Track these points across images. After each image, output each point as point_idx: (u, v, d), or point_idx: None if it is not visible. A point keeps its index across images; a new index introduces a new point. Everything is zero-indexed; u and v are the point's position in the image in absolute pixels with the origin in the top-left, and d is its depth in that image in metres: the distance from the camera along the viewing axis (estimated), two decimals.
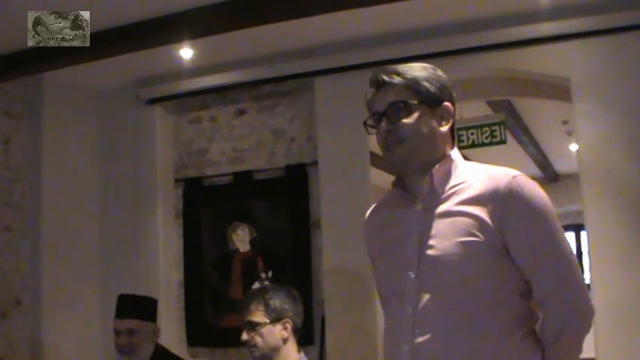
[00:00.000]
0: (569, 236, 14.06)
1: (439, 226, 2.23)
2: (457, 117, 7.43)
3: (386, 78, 2.33)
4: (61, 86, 5.94)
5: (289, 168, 5.83)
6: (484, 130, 7.71)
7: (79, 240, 6.06)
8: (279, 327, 3.43)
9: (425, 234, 2.25)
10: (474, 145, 7.84)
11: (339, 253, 5.45)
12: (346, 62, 5.48)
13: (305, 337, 5.37)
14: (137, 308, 4.10)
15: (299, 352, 3.53)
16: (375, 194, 5.16)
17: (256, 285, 5.71)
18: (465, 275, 2.16)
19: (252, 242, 5.90)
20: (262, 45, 5.51)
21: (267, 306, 3.44)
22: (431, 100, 2.31)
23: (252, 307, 3.47)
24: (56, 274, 5.75)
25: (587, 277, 12.13)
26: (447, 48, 5.20)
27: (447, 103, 2.34)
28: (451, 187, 2.29)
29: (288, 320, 3.47)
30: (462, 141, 7.83)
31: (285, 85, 5.90)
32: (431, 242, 2.22)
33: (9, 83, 5.63)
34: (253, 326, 3.43)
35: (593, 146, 4.86)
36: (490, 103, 7.46)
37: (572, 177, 11.44)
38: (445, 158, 2.33)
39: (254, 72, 5.78)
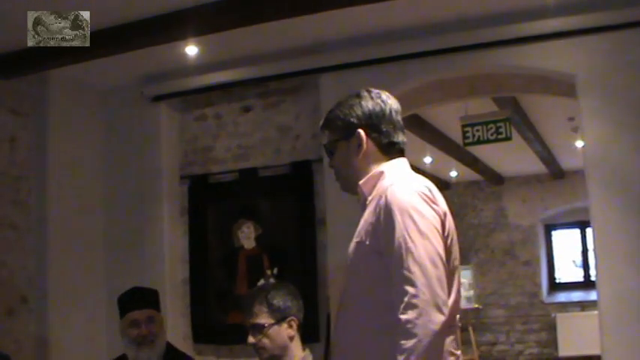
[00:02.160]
0: (574, 233, 14.03)
1: (357, 229, 2.59)
2: (462, 113, 7.42)
3: (320, 124, 2.78)
4: (66, 84, 5.95)
5: (294, 165, 5.83)
6: (489, 126, 7.70)
7: (85, 237, 6.07)
8: (284, 326, 3.39)
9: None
10: (479, 142, 7.83)
11: (344, 250, 5.41)
12: (351, 59, 5.48)
13: (310, 334, 5.39)
14: (151, 299, 4.11)
15: (304, 349, 3.50)
16: None
17: (261, 281, 5.72)
18: (351, 273, 2.55)
19: (257, 239, 5.91)
20: (267, 42, 5.50)
21: (270, 306, 3.39)
22: (344, 135, 2.66)
23: (256, 310, 3.42)
24: (62, 271, 5.75)
25: (592, 274, 12.09)
26: (452, 45, 5.20)
27: (358, 131, 2.62)
28: (371, 197, 2.58)
29: (293, 318, 3.43)
30: (468, 137, 7.82)
31: (291, 82, 5.90)
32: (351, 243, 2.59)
33: (14, 81, 5.64)
34: (259, 329, 3.39)
35: (599, 143, 4.86)
36: (496, 100, 7.44)
37: (578, 173, 11.43)
38: (372, 172, 2.63)
39: (259, 69, 5.78)
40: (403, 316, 2.23)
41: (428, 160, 10.51)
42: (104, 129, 6.38)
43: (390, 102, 2.71)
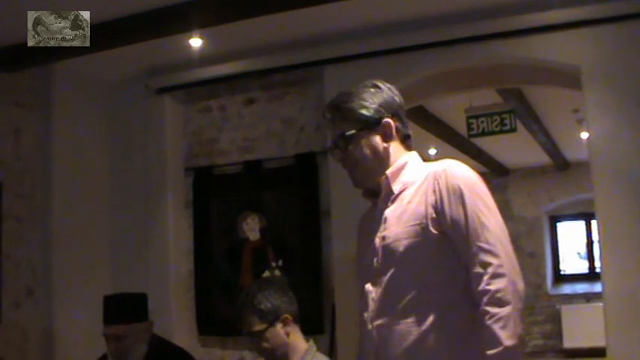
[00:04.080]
0: (579, 225, 14.04)
1: (391, 219, 2.54)
2: (467, 105, 7.42)
3: (328, 115, 2.71)
4: (70, 76, 5.94)
5: (299, 157, 5.83)
6: (494, 118, 7.70)
7: (90, 230, 6.08)
8: (279, 326, 3.39)
9: (384, 227, 2.56)
10: (483, 134, 7.83)
11: (348, 242, 5.41)
12: (355, 51, 5.47)
13: (315, 325, 5.40)
14: (124, 310, 3.84)
15: (307, 340, 3.50)
16: None
17: (266, 273, 5.73)
18: (409, 259, 2.46)
19: (262, 231, 5.91)
20: (272, 34, 5.50)
21: (260, 312, 3.38)
22: (368, 124, 2.62)
23: (247, 319, 3.42)
24: (67, 264, 5.76)
25: (597, 266, 12.13)
26: (457, 36, 5.19)
27: (385, 120, 2.62)
28: (403, 186, 2.58)
29: (286, 315, 3.42)
30: (472, 129, 7.82)
31: (295, 74, 5.90)
32: (385, 233, 2.53)
33: (19, 74, 5.64)
34: (255, 335, 3.40)
35: (604, 134, 4.85)
36: (500, 92, 7.43)
37: (583, 165, 11.39)
38: (396, 163, 2.63)
39: (263, 61, 5.77)
40: (491, 287, 2.26)
41: (432, 151, 10.51)
42: (108, 121, 6.38)
43: (400, 96, 2.72)
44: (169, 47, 5.57)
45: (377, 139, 2.62)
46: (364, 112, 2.62)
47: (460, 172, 2.48)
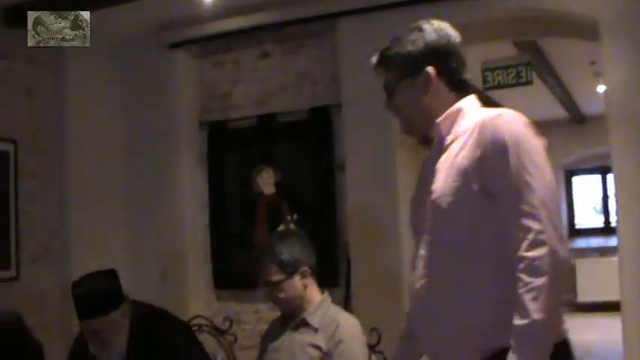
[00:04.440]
0: (595, 179, 13.99)
1: (441, 171, 2.37)
2: (483, 58, 7.34)
3: (375, 63, 2.59)
4: None
5: (313, 110, 5.81)
6: (510, 70, 7.63)
7: (105, 186, 6.10)
8: (297, 277, 3.42)
9: (433, 180, 2.39)
10: (499, 86, 7.77)
11: (363, 195, 5.46)
12: (369, 3, 5.42)
13: (330, 279, 5.42)
14: (98, 303, 3.43)
15: (322, 292, 3.54)
16: (399, 136, 5.15)
17: (281, 227, 5.74)
18: (452, 217, 2.31)
19: (276, 185, 5.92)
20: None
21: (280, 263, 3.40)
22: (407, 73, 2.47)
23: (266, 268, 3.44)
24: (83, 220, 5.80)
25: (612, 220, 12.13)
26: None
27: (426, 70, 2.43)
28: (454, 136, 2.40)
29: (305, 268, 3.45)
30: (488, 82, 7.75)
31: (309, 27, 5.85)
32: (434, 187, 2.36)
33: None
34: (273, 285, 3.42)
35: (621, 87, 4.80)
36: (516, 44, 7.35)
37: (599, 119, 11.30)
38: (449, 110, 2.44)
39: (277, 14, 5.73)
40: (530, 253, 2.10)
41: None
42: (122, 77, 6.37)
43: (453, 35, 2.53)
44: (182, 1, 5.53)
45: (419, 89, 2.45)
46: (401, 60, 2.48)
47: (507, 124, 2.28)
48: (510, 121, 2.31)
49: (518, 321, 2.08)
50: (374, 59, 2.58)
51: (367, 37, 5.43)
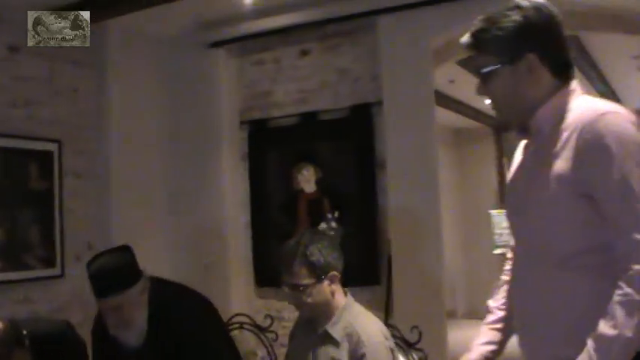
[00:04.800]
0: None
1: (540, 167, 2.20)
2: None
3: (465, 42, 2.32)
4: (125, 33, 5.99)
5: (354, 108, 5.81)
6: None
7: (147, 184, 6.15)
8: (326, 283, 3.18)
9: (530, 175, 2.26)
10: None
11: (404, 193, 5.45)
12: (410, 0, 5.40)
13: (371, 277, 5.43)
14: (114, 280, 3.34)
15: (345, 294, 3.32)
16: (440, 133, 5.13)
17: (322, 225, 5.74)
18: (549, 214, 2.15)
19: (317, 183, 5.93)
20: None
21: (310, 265, 3.15)
22: (506, 59, 2.22)
23: (295, 269, 3.17)
24: (125, 217, 5.86)
25: None
26: None
27: (528, 56, 2.19)
28: (556, 131, 2.18)
29: (334, 273, 3.21)
30: None
31: (349, 25, 5.84)
32: (533, 184, 2.22)
33: None
34: (301, 288, 3.17)
35: None
36: None
37: None
38: (550, 101, 2.23)
39: (317, 12, 5.73)
40: (636, 266, 1.96)
41: (488, 101, 10.35)
42: (163, 77, 6.42)
43: (555, 12, 2.27)
44: (223, 0, 5.55)
45: (517, 77, 2.22)
46: (498, 44, 2.22)
47: (612, 125, 2.06)
48: (615, 121, 2.08)
49: (606, 329, 1.98)
50: (465, 39, 2.32)
51: (408, 35, 5.43)
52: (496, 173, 12.72)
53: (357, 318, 3.21)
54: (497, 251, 11.30)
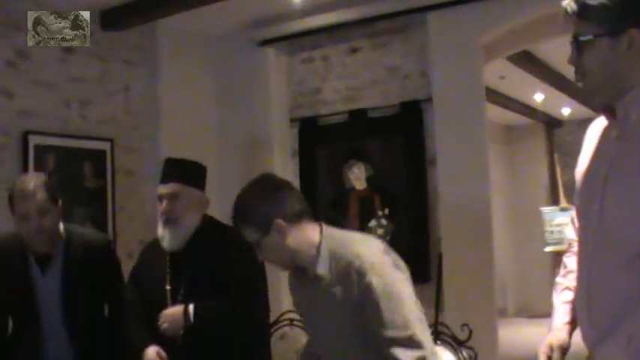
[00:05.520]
0: None
1: (627, 156, 2.05)
2: None
3: (565, 6, 2.13)
4: (175, 32, 6.06)
5: (404, 105, 5.79)
6: None
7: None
8: (274, 234, 2.78)
9: (613, 164, 2.09)
10: None
11: (454, 190, 5.42)
12: None
13: (422, 274, 5.41)
14: (182, 172, 3.63)
15: (321, 228, 2.97)
16: (490, 130, 5.09)
17: (372, 222, 5.74)
18: (631, 220, 2.00)
19: (368, 180, 5.92)
20: None
21: (249, 223, 2.85)
22: (608, 30, 2.04)
23: (245, 233, 2.87)
24: None
25: None
26: None
27: (633, 30, 2.01)
28: None
29: (277, 221, 2.80)
30: None
31: (398, 22, 5.83)
32: (617, 173, 2.06)
33: (126, 32, 5.79)
34: (256, 248, 2.85)
35: None
36: None
37: None
38: None
39: (366, 9, 5.72)
40: None
41: (539, 97, 10.27)
42: (213, 75, 6.47)
43: None
44: None
45: (615, 52, 2.04)
46: (604, 14, 2.03)
47: None
48: None
49: None
50: (567, 3, 2.13)
51: (457, 31, 5.40)
52: (547, 170, 12.60)
53: (342, 246, 2.81)
54: (548, 249, 11.20)
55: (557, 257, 2.51)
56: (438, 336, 3.81)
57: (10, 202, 3.33)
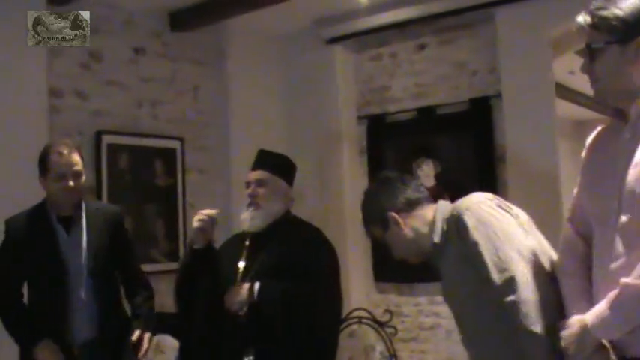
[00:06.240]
0: None
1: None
2: None
3: (579, 19, 2.27)
4: (243, 32, 6.12)
5: (473, 101, 5.75)
6: None
7: None
8: (393, 228, 2.90)
9: (628, 164, 2.15)
10: None
11: (524, 187, 5.37)
12: None
13: None
14: (271, 162, 3.80)
15: (433, 207, 2.96)
16: (560, 126, 5.03)
17: None
18: None
19: (437, 177, 5.89)
20: None
21: (373, 221, 2.99)
22: (619, 38, 2.17)
23: (370, 230, 3.03)
24: None
25: None
26: None
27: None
28: None
29: (391, 214, 2.90)
30: None
31: (466, 17, 5.79)
32: (632, 172, 2.12)
33: (196, 32, 5.89)
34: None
35: None
36: None
37: None
38: None
39: (434, 5, 5.70)
40: None
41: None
42: (282, 74, 6.52)
43: None
44: None
45: (625, 57, 2.17)
46: (616, 24, 2.15)
47: None
48: None
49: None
50: (581, 17, 2.26)
51: (526, 26, 5.34)
52: None
53: (453, 207, 2.82)
54: None
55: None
56: None
57: (42, 164, 3.51)
